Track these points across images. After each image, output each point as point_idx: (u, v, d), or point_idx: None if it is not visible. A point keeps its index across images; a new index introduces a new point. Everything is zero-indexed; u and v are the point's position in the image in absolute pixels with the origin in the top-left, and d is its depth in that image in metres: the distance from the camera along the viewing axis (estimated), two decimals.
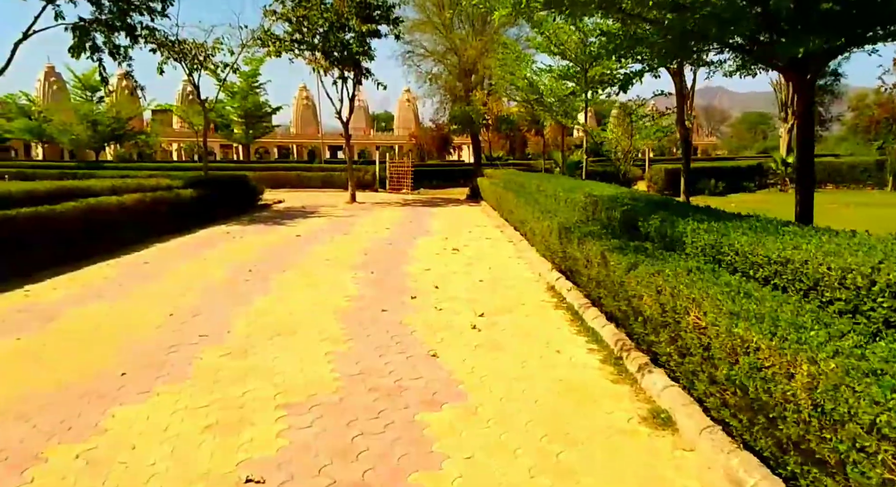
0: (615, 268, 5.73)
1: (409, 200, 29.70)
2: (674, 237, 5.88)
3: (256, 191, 24.74)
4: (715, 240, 5.14)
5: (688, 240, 5.47)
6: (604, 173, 27.30)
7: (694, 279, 4.31)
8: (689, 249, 5.51)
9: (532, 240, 11.94)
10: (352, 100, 27.70)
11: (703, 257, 5.22)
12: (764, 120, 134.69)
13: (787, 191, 29.37)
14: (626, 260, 5.48)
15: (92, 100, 39.27)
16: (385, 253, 13.39)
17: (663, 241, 6.15)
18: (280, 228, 18.07)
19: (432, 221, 19.89)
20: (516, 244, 13.96)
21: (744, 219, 5.59)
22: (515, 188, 16.67)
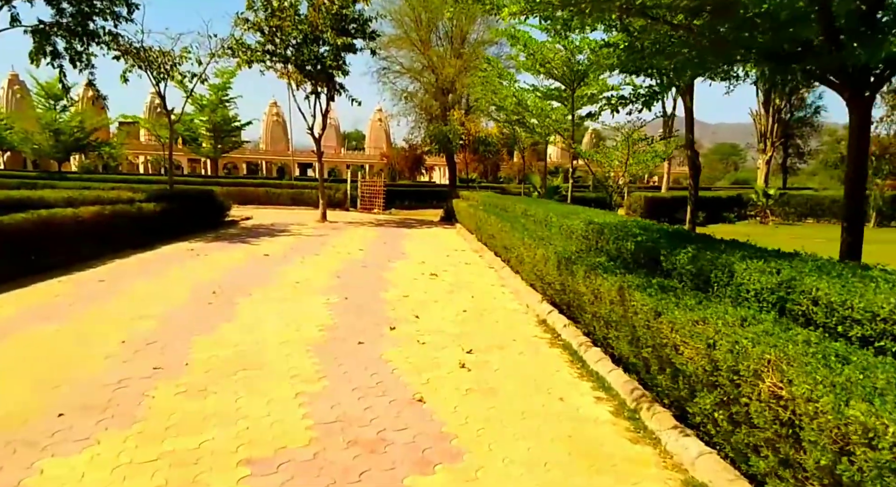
0: (638, 310, 5.01)
1: (381, 220, 28.90)
2: (713, 276, 5.13)
3: (223, 207, 23.77)
4: (778, 284, 4.39)
5: (735, 282, 4.73)
6: (584, 199, 26.86)
7: (758, 332, 3.59)
8: (730, 292, 4.79)
9: (518, 267, 11.25)
10: (325, 115, 26.92)
11: (756, 304, 4.49)
12: (735, 151, 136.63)
13: (768, 223, 29.17)
14: (653, 302, 4.75)
15: (55, 108, 37.95)
16: (359, 276, 12.59)
17: (695, 281, 5.41)
18: (247, 246, 17.16)
19: (407, 243, 19.13)
20: (498, 271, 13.27)
21: (794, 257, 4.86)
22: (497, 211, 15.99)
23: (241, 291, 10.56)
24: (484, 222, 15.95)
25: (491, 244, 15.30)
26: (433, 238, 21.26)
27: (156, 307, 9.14)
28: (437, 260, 15.29)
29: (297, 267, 13.56)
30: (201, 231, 20.45)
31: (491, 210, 16.58)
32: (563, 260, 7.38)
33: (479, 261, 15.16)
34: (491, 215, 14.96)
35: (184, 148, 44.95)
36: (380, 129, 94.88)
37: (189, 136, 38.14)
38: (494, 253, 15.11)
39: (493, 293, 11.04)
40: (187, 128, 37.88)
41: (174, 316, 8.60)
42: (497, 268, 13.52)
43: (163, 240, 17.23)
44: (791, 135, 44.39)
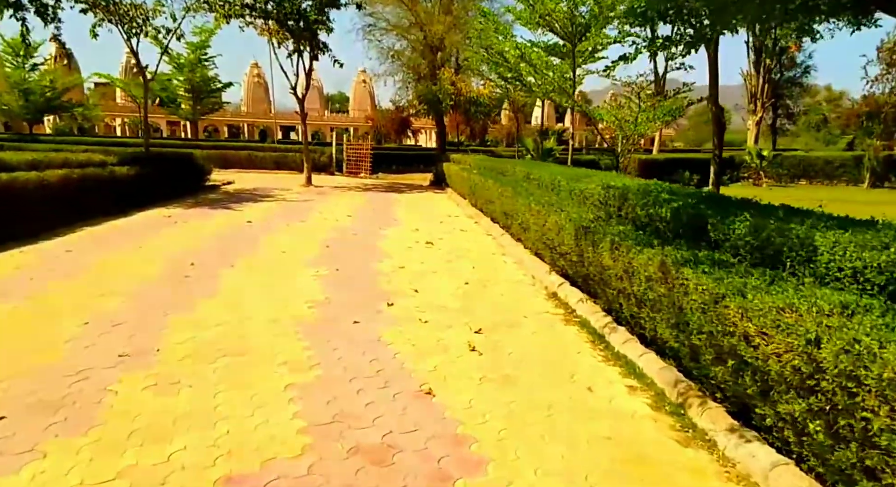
0: (690, 290, 4.24)
1: (368, 185, 27.99)
2: (785, 250, 4.37)
3: (204, 171, 22.79)
4: (891, 262, 3.57)
5: (822, 259, 3.94)
6: (578, 162, 26.05)
7: (877, 326, 2.83)
8: (811, 270, 4.02)
9: (521, 235, 10.49)
10: (308, 75, 25.83)
11: (854, 286, 3.71)
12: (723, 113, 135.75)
13: (762, 185, 28.54)
14: (711, 282, 3.97)
15: (24, 67, 36.38)
16: (350, 245, 11.79)
17: (757, 255, 4.61)
18: (229, 213, 16.28)
19: (397, 209, 18.30)
20: (497, 238, 12.52)
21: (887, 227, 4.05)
22: (493, 175, 15.15)
23: (222, 262, 9.74)
24: (479, 187, 15.14)
25: (488, 210, 14.51)
26: (424, 203, 20.44)
27: (127, 281, 8.31)
28: (431, 226, 14.51)
29: (282, 235, 12.74)
30: (180, 196, 19.51)
31: (487, 174, 15.73)
32: (581, 228, 6.61)
33: (476, 228, 14.39)
34: (488, 179, 14.13)
35: (162, 110, 43.45)
36: (364, 91, 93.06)
37: (167, 97, 36.74)
38: (491, 220, 14.35)
39: (495, 263, 10.29)
40: (164, 87, 36.48)
41: (147, 292, 7.79)
42: (496, 236, 12.76)
43: (138, 207, 16.30)
44: (781, 95, 43.59)
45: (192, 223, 14.13)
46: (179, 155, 21.39)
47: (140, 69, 21.32)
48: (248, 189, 23.75)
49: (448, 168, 23.67)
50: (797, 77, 44.36)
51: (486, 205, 14.54)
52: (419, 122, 64.60)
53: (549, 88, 17.44)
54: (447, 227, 14.43)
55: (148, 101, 24.21)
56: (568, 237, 7.00)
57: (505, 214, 11.71)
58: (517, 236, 11.13)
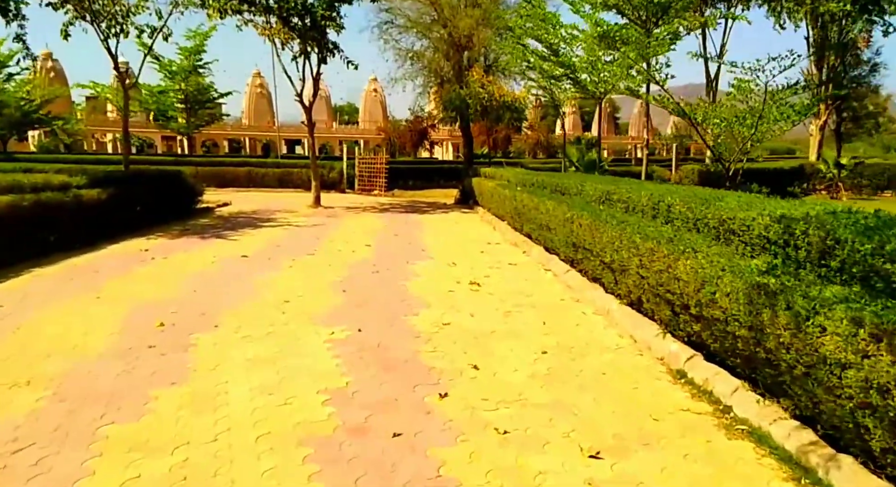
0: None
1: (385, 204, 25.87)
2: None
3: (194, 191, 20.78)
4: None
5: None
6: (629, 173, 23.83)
7: None
8: None
9: (604, 276, 8.22)
10: (316, 80, 23.83)
11: None
12: None
13: (841, 198, 26.14)
14: None
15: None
16: (372, 288, 9.60)
17: None
18: (221, 243, 14.18)
19: (424, 235, 16.13)
20: (560, 276, 10.29)
21: None
22: (549, 194, 12.96)
23: (202, 321, 7.57)
24: (529, 208, 12.92)
25: (542, 237, 12.29)
26: (454, 226, 18.26)
27: (59, 358, 6.15)
28: (471, 259, 12.33)
29: (285, 274, 10.59)
30: (165, 222, 17.48)
31: (539, 192, 13.51)
32: (758, 288, 4.36)
33: (527, 261, 12.18)
34: (542, 199, 11.89)
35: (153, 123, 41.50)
36: (375, 101, 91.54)
37: (158, 109, 34.89)
38: (546, 249, 12.15)
39: (571, 316, 8.03)
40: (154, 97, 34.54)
41: (82, 379, 5.61)
42: (558, 273, 10.53)
43: (111, 237, 14.26)
44: (846, 96, 41.09)
45: (173, 259, 12.01)
46: (165, 173, 19.36)
47: (118, 74, 19.33)
48: (247, 211, 21.69)
49: (479, 184, 21.48)
50: (863, 76, 41.85)
51: (539, 231, 12.33)
52: (438, 134, 62.71)
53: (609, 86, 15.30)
54: (490, 260, 12.23)
55: (130, 112, 22.38)
56: (730, 299, 4.72)
57: (574, 246, 9.47)
58: (594, 275, 8.89)
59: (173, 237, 15.05)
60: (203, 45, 34.03)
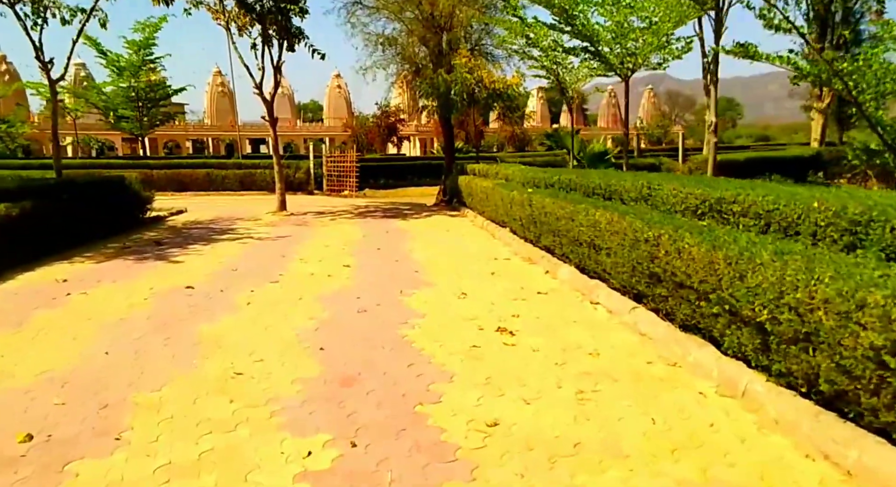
0: None
1: (360, 207, 22.86)
2: None
3: (140, 199, 17.61)
4: None
5: None
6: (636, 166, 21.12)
7: None
8: None
9: (728, 331, 5.32)
10: (277, 69, 20.74)
11: None
12: (731, 106, 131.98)
13: (871, 187, 23.59)
14: None
15: None
16: (361, 343, 6.67)
17: None
18: (163, 267, 11.15)
19: (413, 247, 13.23)
20: (620, 314, 7.45)
21: None
22: (581, 197, 10.07)
23: (98, 422, 4.63)
24: (555, 216, 9.94)
25: (576, 254, 9.42)
26: (445, 234, 15.35)
27: None
28: (483, 284, 9.45)
29: (239, 318, 7.62)
30: (102, 237, 14.39)
31: (569, 196, 10.51)
32: None
33: (558, 287, 9.31)
34: (584, 206, 8.94)
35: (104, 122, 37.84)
36: (339, 97, 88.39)
37: (105, 107, 31.50)
38: (578, 269, 9.35)
39: (684, 399, 5.08)
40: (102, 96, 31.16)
41: None
42: (614, 309, 7.66)
43: (28, 262, 11.20)
44: None
45: (94, 294, 8.98)
46: (104, 180, 16.14)
47: (42, 64, 16.06)
48: (204, 220, 18.60)
49: (468, 183, 18.55)
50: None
51: (571, 247, 9.48)
52: (406, 129, 59.65)
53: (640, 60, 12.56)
54: (509, 285, 9.37)
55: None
56: None
57: (655, 277, 6.58)
58: (691, 322, 6.04)
59: (106, 259, 11.97)
60: (153, 38, 30.66)
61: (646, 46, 13.81)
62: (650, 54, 14.29)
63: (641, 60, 14.39)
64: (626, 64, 14.51)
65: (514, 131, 59.92)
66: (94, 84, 31.30)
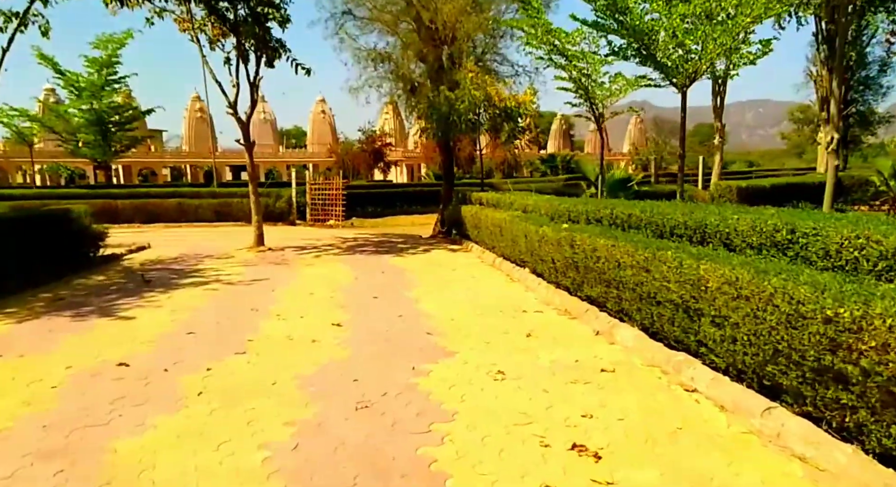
0: None
1: (348, 240, 20.47)
2: None
3: (90, 236, 15.15)
4: None
5: None
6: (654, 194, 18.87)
7: None
8: None
9: None
10: (254, 86, 18.45)
11: None
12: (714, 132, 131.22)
13: None
14: None
15: None
16: (362, 469, 4.30)
17: None
18: (98, 329, 8.71)
19: (419, 294, 10.85)
20: (750, 417, 5.08)
21: None
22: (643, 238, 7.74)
23: None
24: (608, 260, 7.67)
25: (642, 312, 7.12)
26: (451, 275, 12.99)
27: None
28: (524, 358, 7.04)
29: (176, 426, 5.18)
30: (36, 285, 11.88)
31: (617, 233, 8.21)
32: None
33: (623, 357, 6.94)
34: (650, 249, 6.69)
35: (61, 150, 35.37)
36: (323, 123, 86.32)
37: (64, 130, 29.06)
38: (643, 329, 7.06)
39: None
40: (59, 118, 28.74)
41: None
42: (733, 407, 5.31)
43: None
44: (853, 100, 36.97)
45: None
46: (42, 214, 13.62)
47: None
48: (167, 259, 16.15)
49: (474, 214, 16.19)
50: (872, 76, 37.71)
51: (634, 302, 7.18)
52: (394, 154, 57.51)
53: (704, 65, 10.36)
54: (557, 355, 7.01)
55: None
56: None
57: (778, 354, 4.28)
58: None
59: (29, 316, 9.51)
60: (116, 55, 28.29)
61: (715, 47, 11.55)
62: (717, 58, 12.06)
63: (705, 65, 12.13)
64: (684, 70, 12.24)
65: (505, 156, 57.80)
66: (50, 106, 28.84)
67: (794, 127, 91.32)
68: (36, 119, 30.77)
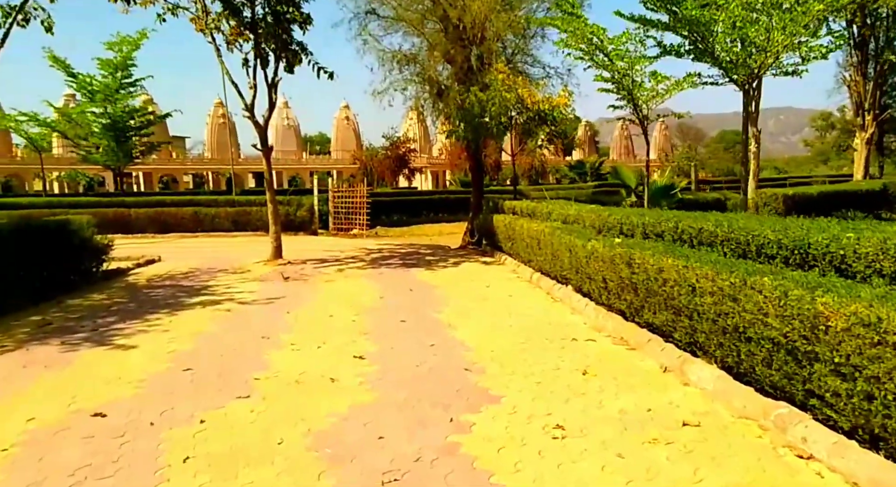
0: None
1: (372, 252, 19.35)
2: None
3: (94, 249, 14.11)
4: None
5: None
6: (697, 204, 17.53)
7: None
8: None
9: None
10: (272, 87, 17.41)
11: None
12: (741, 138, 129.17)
13: None
14: None
15: None
16: None
17: None
18: (85, 362, 7.60)
19: (451, 318, 9.62)
20: None
21: None
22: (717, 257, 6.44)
23: None
24: (680, 284, 6.38)
25: (725, 349, 5.86)
26: (486, 292, 11.77)
27: None
28: (583, 405, 5.79)
29: None
30: (21, 308, 10.81)
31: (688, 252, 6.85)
32: None
33: (705, 406, 5.65)
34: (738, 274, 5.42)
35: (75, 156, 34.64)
36: (347, 129, 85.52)
37: (76, 135, 28.25)
38: (725, 368, 5.85)
39: None
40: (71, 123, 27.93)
41: None
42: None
43: None
44: (888, 105, 35.41)
45: None
46: (37, 227, 12.51)
47: None
48: (178, 274, 15.09)
49: (507, 224, 14.92)
50: None
51: (715, 336, 5.91)
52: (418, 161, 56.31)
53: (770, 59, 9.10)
54: (624, 403, 5.77)
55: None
56: None
57: None
58: None
59: (8, 346, 8.39)
60: (131, 58, 27.41)
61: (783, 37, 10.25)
62: (783, 51, 10.76)
63: (772, 59, 10.83)
64: (747, 65, 10.94)
65: (532, 163, 56.54)
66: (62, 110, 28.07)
67: (817, 134, 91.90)
68: (46, 124, 29.99)
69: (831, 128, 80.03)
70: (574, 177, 66.56)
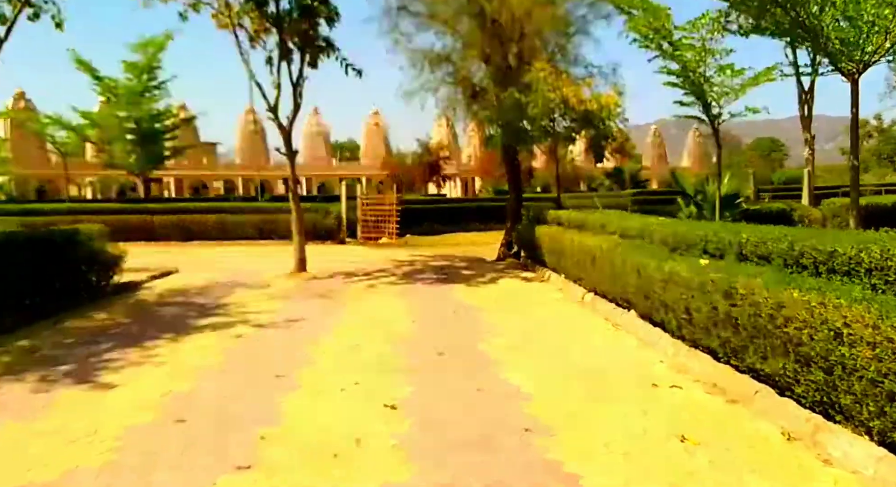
0: None
1: (403, 263, 17.93)
2: None
3: (104, 261, 12.78)
4: None
5: None
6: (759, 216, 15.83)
7: None
8: None
9: None
10: (297, 86, 16.06)
11: None
12: (776, 146, 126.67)
13: None
14: None
15: None
16: None
17: None
18: (58, 407, 6.21)
19: (500, 353, 8.08)
20: None
21: None
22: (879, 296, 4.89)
23: None
24: (814, 327, 4.86)
25: (878, 418, 4.34)
26: (535, 314, 10.28)
27: None
28: None
29: None
30: (27, 324, 9.53)
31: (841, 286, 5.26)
32: None
33: None
34: None
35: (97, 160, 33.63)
36: (377, 135, 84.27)
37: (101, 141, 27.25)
38: (887, 446, 4.27)
39: None
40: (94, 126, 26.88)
41: None
42: None
43: None
44: None
45: None
46: (41, 237, 11.18)
47: None
48: (193, 289, 13.73)
49: (557, 237, 13.28)
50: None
51: (873, 400, 4.35)
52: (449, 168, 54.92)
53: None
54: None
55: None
56: None
57: None
58: None
59: None
60: (156, 60, 26.32)
61: None
62: None
63: (890, 42, 9.20)
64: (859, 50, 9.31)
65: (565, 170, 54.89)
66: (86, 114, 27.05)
67: None
68: (70, 127, 28.96)
69: (868, 136, 78.98)
70: (611, 184, 64.69)
